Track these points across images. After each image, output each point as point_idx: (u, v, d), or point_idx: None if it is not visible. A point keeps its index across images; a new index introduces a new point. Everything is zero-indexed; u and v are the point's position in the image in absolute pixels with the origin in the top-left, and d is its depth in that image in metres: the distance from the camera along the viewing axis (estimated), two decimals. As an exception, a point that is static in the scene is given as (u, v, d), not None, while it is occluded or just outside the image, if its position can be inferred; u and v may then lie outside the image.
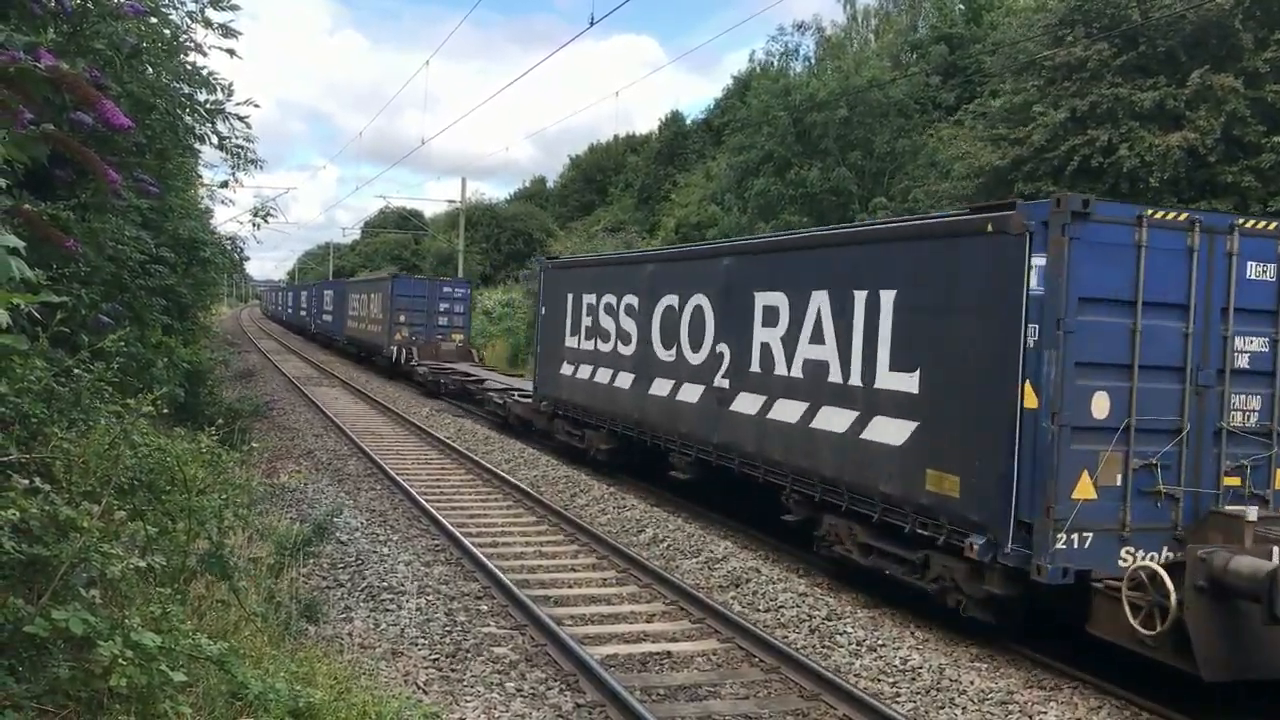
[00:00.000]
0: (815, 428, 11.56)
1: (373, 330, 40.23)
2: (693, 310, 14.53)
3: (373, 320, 40.37)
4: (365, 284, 45.72)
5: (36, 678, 4.20)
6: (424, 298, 37.09)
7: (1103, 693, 8.59)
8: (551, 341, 20.11)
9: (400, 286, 37.35)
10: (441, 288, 38.32)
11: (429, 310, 37.01)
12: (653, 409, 15.64)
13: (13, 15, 5.56)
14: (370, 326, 40.88)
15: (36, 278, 3.28)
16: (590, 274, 19.10)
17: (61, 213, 6.08)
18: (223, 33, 9.01)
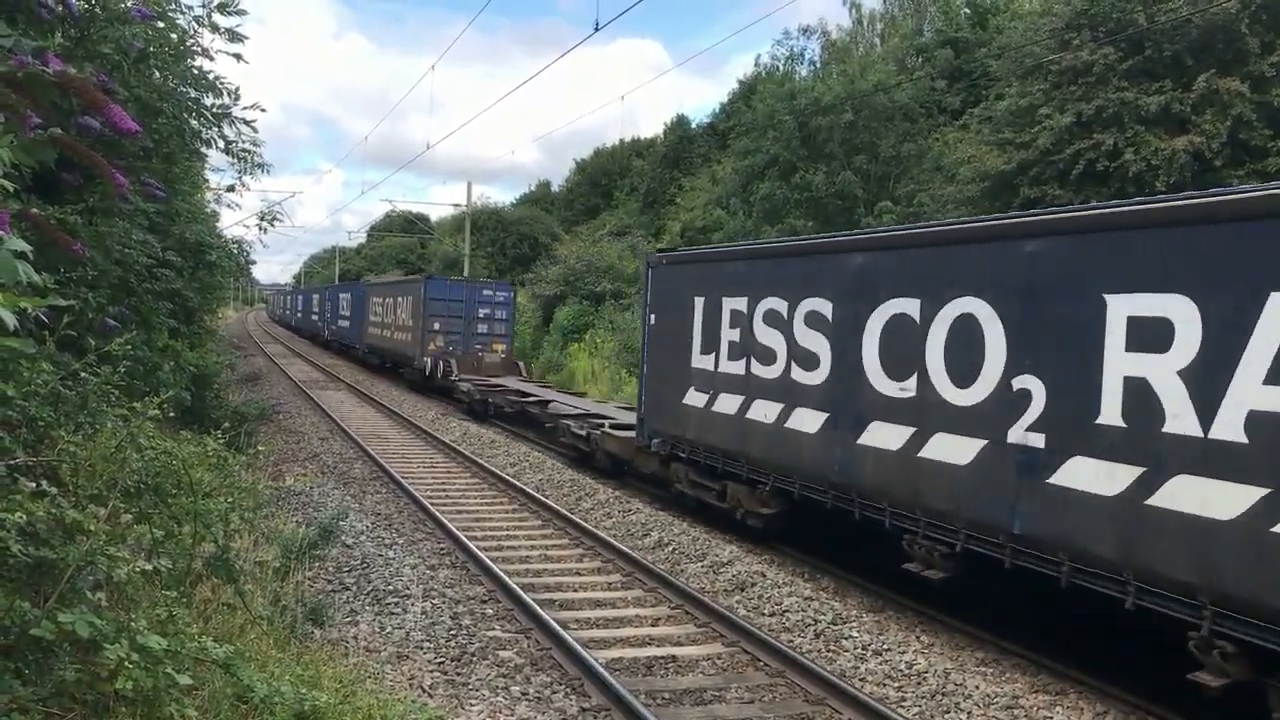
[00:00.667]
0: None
1: (400, 339, 35.97)
2: (957, 322, 9.69)
3: (400, 327, 36.06)
4: (391, 286, 40.85)
5: (43, 680, 4.20)
6: (461, 302, 32.96)
7: (1109, 697, 8.57)
8: (668, 361, 15.20)
9: (434, 289, 32.95)
10: (481, 290, 33.79)
11: (467, 316, 32.93)
12: (866, 466, 10.85)
13: (20, 20, 5.59)
14: (397, 334, 36.69)
15: (44, 281, 3.29)
16: (737, 270, 13.88)
17: (69, 216, 6.10)
18: (229, 37, 9.03)
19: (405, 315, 35.08)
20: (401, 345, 35.66)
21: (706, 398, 14.03)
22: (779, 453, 12.48)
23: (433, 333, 32.41)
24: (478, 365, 31.55)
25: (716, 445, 13.83)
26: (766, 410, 12.74)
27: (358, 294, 47.12)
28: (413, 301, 33.79)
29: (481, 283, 35.48)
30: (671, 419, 15.03)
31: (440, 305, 32.58)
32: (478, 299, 33.21)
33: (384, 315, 39.41)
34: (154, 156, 9.50)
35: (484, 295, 33.39)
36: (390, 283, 43.39)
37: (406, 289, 35.71)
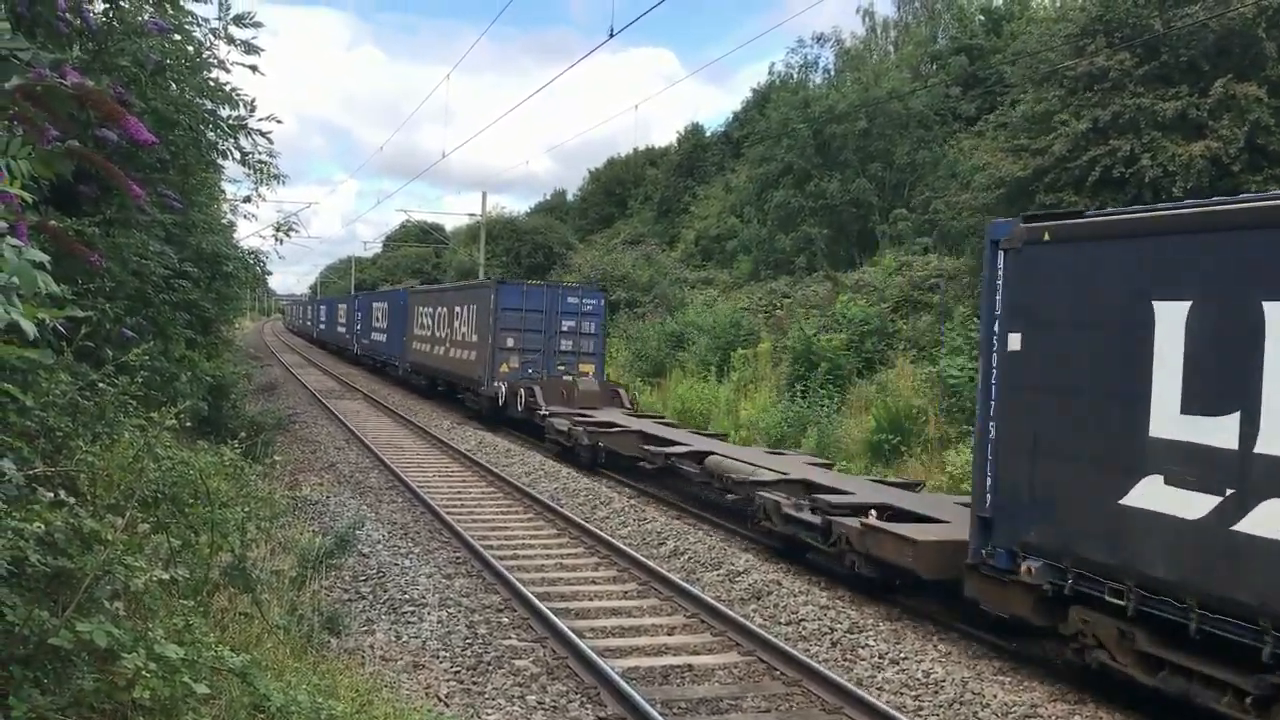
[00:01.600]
0: None
1: (460, 358, 29.46)
2: None
3: (459, 343, 29.65)
4: (446, 293, 34.13)
5: (61, 689, 4.22)
6: (541, 312, 26.72)
7: (1129, 708, 8.50)
8: (1067, 421, 8.68)
9: (509, 296, 26.68)
10: (565, 298, 27.33)
11: (549, 330, 26.63)
12: None
13: (39, 33, 5.63)
14: (455, 352, 30.07)
15: (62, 292, 3.31)
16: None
17: (87, 228, 6.14)
18: (245, 49, 9.09)
19: (467, 328, 28.85)
20: (461, 366, 29.29)
21: (1209, 501, 7.35)
22: None
23: (506, 350, 26.29)
24: (568, 394, 24.66)
25: (1244, 600, 7.13)
26: None
27: (397, 302, 40.66)
28: (479, 312, 27.74)
29: (566, 288, 28.59)
30: (1081, 529, 8.44)
31: (515, 316, 26.41)
32: (561, 308, 26.96)
33: (436, 328, 32.92)
34: (171, 168, 9.56)
35: (569, 304, 27.08)
36: (445, 289, 36.88)
37: (470, 296, 29.43)
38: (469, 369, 28.45)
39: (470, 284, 34.93)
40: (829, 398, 23.31)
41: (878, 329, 27.32)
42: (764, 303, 35.52)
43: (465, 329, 29.11)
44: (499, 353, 26.29)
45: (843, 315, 27.98)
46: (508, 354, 26.32)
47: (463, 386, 29.66)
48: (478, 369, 27.44)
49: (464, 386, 29.42)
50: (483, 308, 27.26)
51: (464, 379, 29.15)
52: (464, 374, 29.04)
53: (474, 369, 27.84)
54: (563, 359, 26.56)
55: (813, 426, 21.97)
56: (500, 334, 26.27)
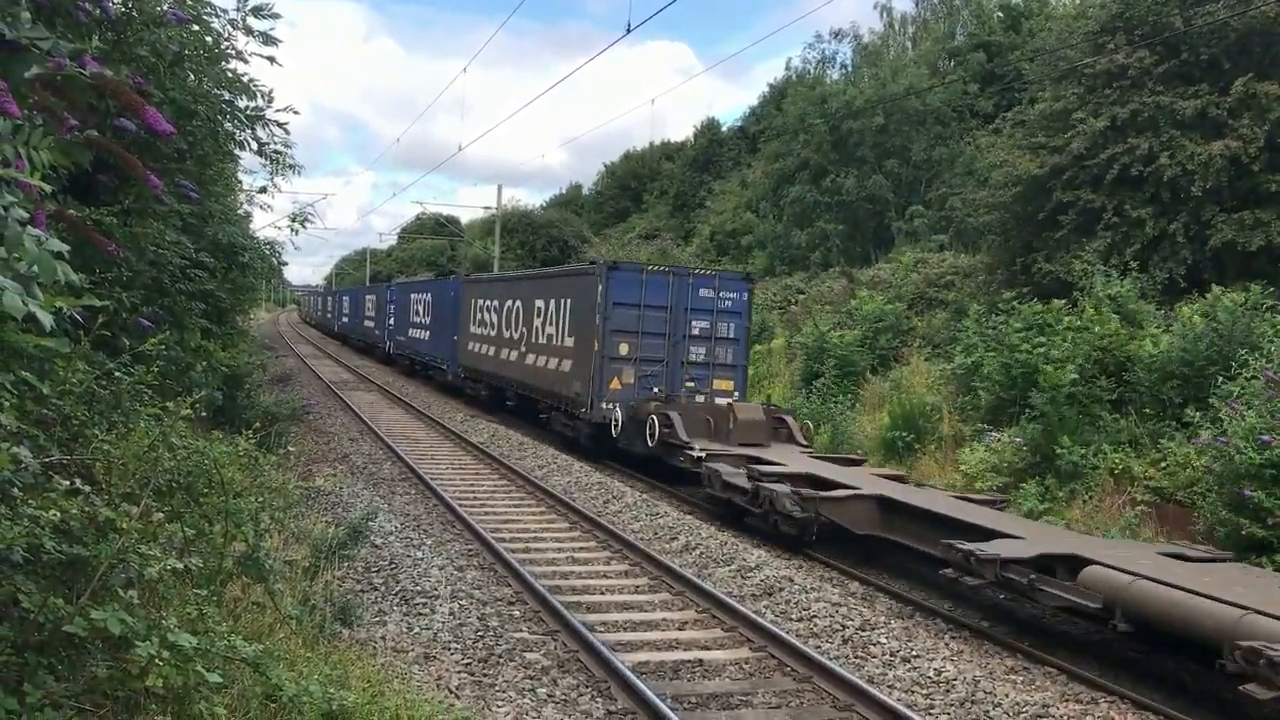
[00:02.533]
0: None
1: (544, 367, 22.89)
2: None
3: (544, 348, 22.99)
4: (523, 282, 26.65)
5: (75, 677, 4.24)
6: (664, 309, 19.73)
7: (1141, 707, 8.47)
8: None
9: (623, 287, 19.67)
10: (697, 289, 20.10)
11: (674, 333, 19.82)
12: None
13: (58, 23, 5.65)
14: (538, 359, 23.39)
15: (79, 281, 3.33)
16: None
17: (104, 217, 6.15)
18: (263, 40, 9.10)
19: (556, 328, 22.39)
20: (546, 377, 22.76)
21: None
22: None
23: (617, 361, 19.69)
24: (718, 423, 18.18)
25: None
26: None
27: (445, 293, 34.04)
28: (578, 307, 21.20)
29: (699, 276, 20.71)
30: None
31: (629, 314, 19.64)
32: (691, 302, 19.98)
33: (504, 326, 26.52)
34: (188, 158, 9.58)
35: (702, 297, 20.00)
36: (519, 277, 29.22)
37: (562, 287, 22.60)
38: (559, 382, 21.87)
39: (563, 270, 27.21)
40: (843, 393, 23.25)
41: (893, 325, 27.24)
42: (779, 299, 35.48)
43: (553, 329, 22.53)
44: (608, 363, 19.58)
45: (857, 311, 27.92)
46: (619, 365, 19.59)
47: (549, 404, 22.81)
48: (573, 383, 20.94)
49: (551, 404, 22.62)
50: (584, 302, 20.60)
51: (550, 394, 22.52)
52: (550, 388, 22.47)
53: (567, 383, 21.30)
54: (693, 372, 19.90)
55: (826, 423, 21.92)
56: (610, 338, 19.53)
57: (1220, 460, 12.70)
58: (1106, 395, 17.15)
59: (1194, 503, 13.64)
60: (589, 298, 20.28)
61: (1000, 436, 17.53)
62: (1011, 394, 18.45)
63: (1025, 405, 17.54)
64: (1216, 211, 21.11)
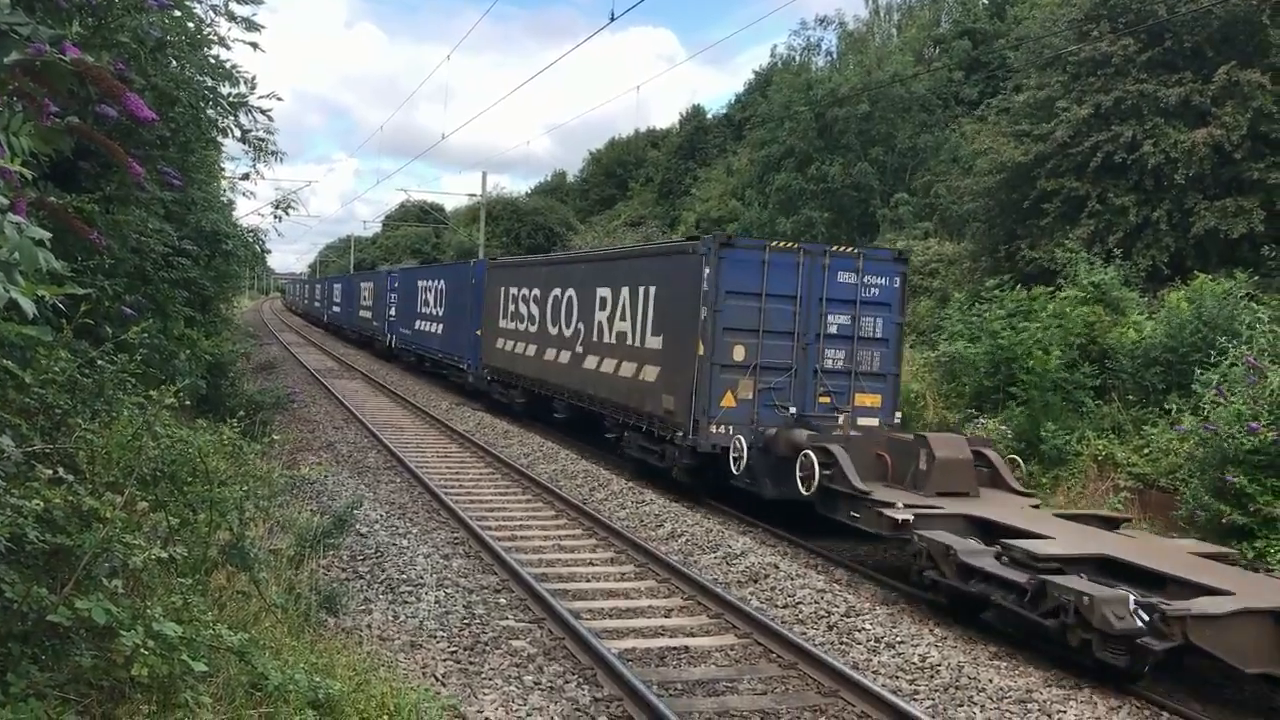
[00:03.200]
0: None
1: (618, 374, 17.88)
2: None
3: (613, 349, 18.18)
4: (580, 265, 21.41)
5: (59, 666, 4.23)
6: (791, 299, 15.16)
7: (1123, 693, 8.53)
8: None
9: (738, 270, 15.01)
10: (835, 273, 15.39)
11: (805, 332, 15.22)
12: None
13: (39, 8, 5.60)
14: (604, 365, 18.53)
15: (61, 269, 3.31)
16: None
17: (86, 205, 6.12)
18: (246, 26, 9.06)
19: (637, 325, 17.30)
20: (622, 389, 17.68)
21: None
22: None
23: (731, 369, 14.92)
24: (894, 462, 12.97)
25: None
26: None
27: (464, 280, 29.47)
28: (666, 297, 16.35)
29: (838, 255, 15.65)
30: None
31: (747, 308, 14.92)
32: (828, 291, 15.26)
33: (551, 320, 21.55)
34: (171, 145, 9.53)
35: (840, 282, 15.33)
36: (576, 259, 23.57)
37: (648, 270, 17.31)
38: (638, 394, 17.02)
39: (643, 250, 20.87)
40: None
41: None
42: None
43: (628, 325, 17.60)
44: (719, 373, 14.84)
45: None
46: (734, 375, 14.91)
47: (620, 421, 17.90)
48: (663, 397, 16.06)
49: (624, 422, 17.67)
50: (679, 290, 15.78)
51: (624, 410, 17.61)
52: (623, 401, 17.58)
53: (651, 396, 16.52)
54: (829, 384, 15.25)
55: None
56: (721, 339, 14.81)
57: (1205, 446, 12.79)
58: (1090, 382, 17.26)
59: (1176, 489, 13.73)
60: (687, 285, 15.43)
61: (986, 423, 17.62)
62: (995, 380, 18.55)
63: (1009, 392, 17.63)
64: (1199, 199, 21.22)
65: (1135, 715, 8.16)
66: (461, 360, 29.18)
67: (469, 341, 28.19)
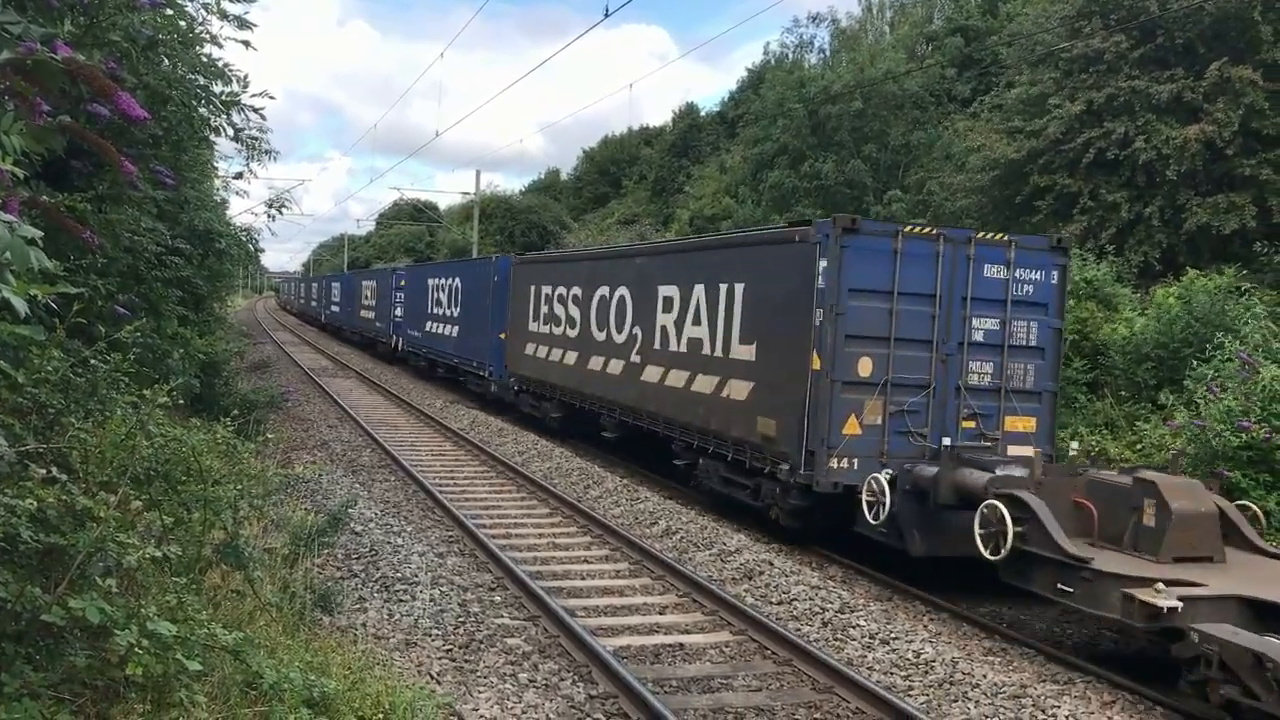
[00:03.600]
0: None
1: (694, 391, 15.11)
2: None
3: (685, 360, 15.54)
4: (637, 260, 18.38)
5: (53, 666, 4.23)
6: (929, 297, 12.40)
7: (1116, 687, 8.57)
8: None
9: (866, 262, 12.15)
10: (982, 266, 12.52)
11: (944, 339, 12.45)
12: None
13: (30, 7, 5.59)
14: (671, 377, 15.91)
15: (54, 268, 3.30)
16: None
17: (78, 204, 6.10)
18: (238, 25, 9.03)
19: (720, 330, 14.57)
20: (700, 408, 14.94)
21: None
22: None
23: (855, 386, 12.22)
24: (1102, 513, 10.00)
25: None
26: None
27: (483, 277, 26.93)
28: (760, 296, 13.63)
29: (985, 242, 12.73)
30: None
31: (874, 310, 12.27)
32: (973, 287, 12.58)
33: (598, 324, 18.92)
34: (163, 144, 9.51)
35: (987, 278, 12.65)
36: (627, 255, 19.73)
37: (735, 263, 14.51)
38: (724, 416, 14.19)
39: (728, 240, 16.48)
40: None
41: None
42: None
43: (705, 330, 14.82)
44: (840, 391, 12.08)
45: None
46: (859, 395, 12.13)
47: (694, 446, 15.16)
48: (760, 420, 13.21)
49: (700, 447, 14.95)
50: (780, 287, 13.08)
51: (702, 433, 14.84)
52: (702, 423, 14.79)
53: (742, 418, 13.66)
54: (974, 404, 12.53)
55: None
56: (843, 349, 12.05)
57: (1196, 443, 12.81)
58: (1082, 378, 17.28)
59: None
60: (793, 282, 12.72)
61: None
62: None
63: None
64: (1191, 195, 21.28)
65: (1128, 711, 8.19)
66: (482, 367, 26.47)
67: (490, 346, 25.60)
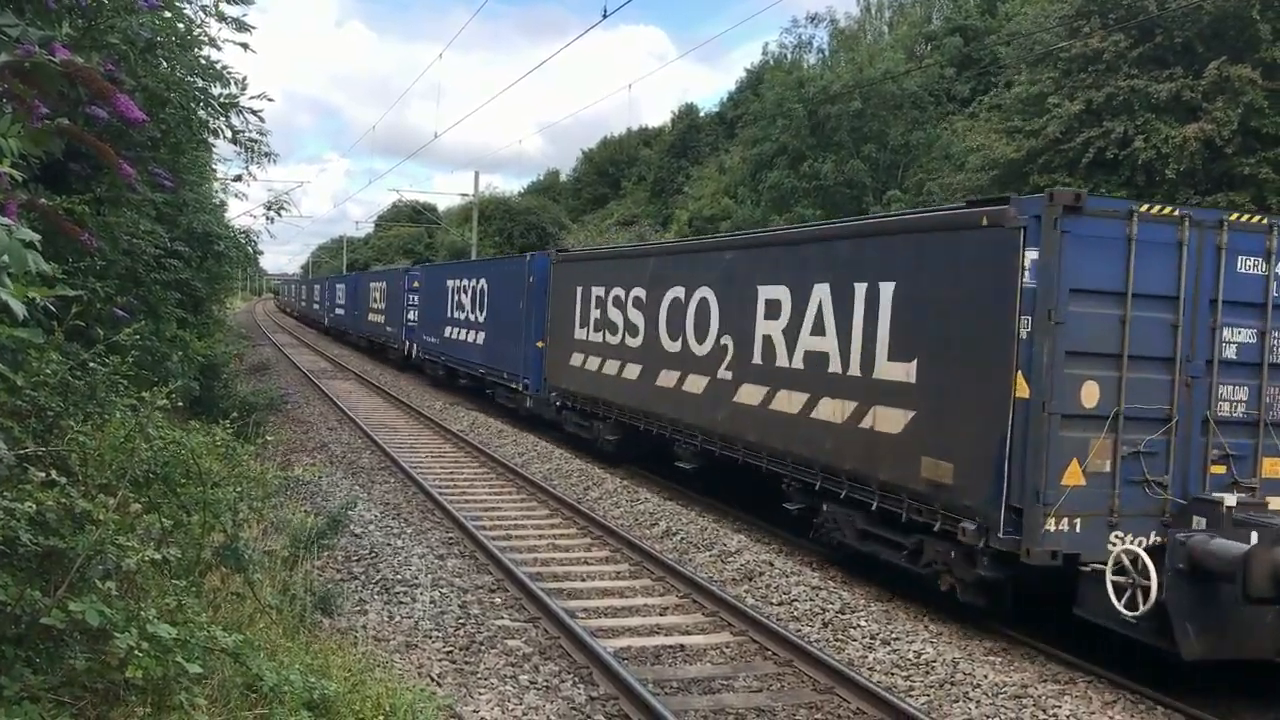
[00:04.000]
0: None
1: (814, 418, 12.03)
2: None
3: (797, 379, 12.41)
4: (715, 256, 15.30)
5: (53, 669, 4.22)
6: (1170, 299, 9.14)
7: (1117, 686, 8.56)
8: None
9: (1086, 251, 8.83)
10: (1234, 254, 9.33)
11: (1188, 355, 9.15)
12: None
13: (28, 9, 5.58)
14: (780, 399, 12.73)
15: (52, 271, 3.30)
16: None
17: (76, 206, 6.09)
18: (236, 27, 9.02)
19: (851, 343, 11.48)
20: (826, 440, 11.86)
21: None
22: None
23: (1078, 420, 8.91)
24: None
25: None
26: None
27: (516, 278, 23.77)
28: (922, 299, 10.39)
29: (1240, 226, 9.45)
30: None
31: (1102, 317, 9.00)
32: (1224, 288, 9.33)
33: (668, 333, 15.99)
34: (161, 146, 9.49)
35: (1242, 272, 9.42)
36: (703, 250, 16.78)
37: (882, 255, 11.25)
38: (865, 452, 11.27)
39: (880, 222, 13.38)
40: None
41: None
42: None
43: (839, 343, 11.75)
44: (1059, 426, 8.90)
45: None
46: (1084, 430, 9.01)
47: (823, 488, 11.95)
48: (926, 462, 10.16)
49: (832, 490, 11.78)
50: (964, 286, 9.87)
51: (837, 473, 11.73)
52: (838, 459, 11.71)
53: (897, 457, 10.70)
54: (1226, 442, 9.42)
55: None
56: (1063, 369, 8.91)
57: None
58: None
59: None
60: (980, 278, 9.68)
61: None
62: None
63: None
64: (1191, 194, 21.29)
65: (1130, 710, 8.18)
66: (514, 379, 23.38)
67: (525, 355, 22.52)
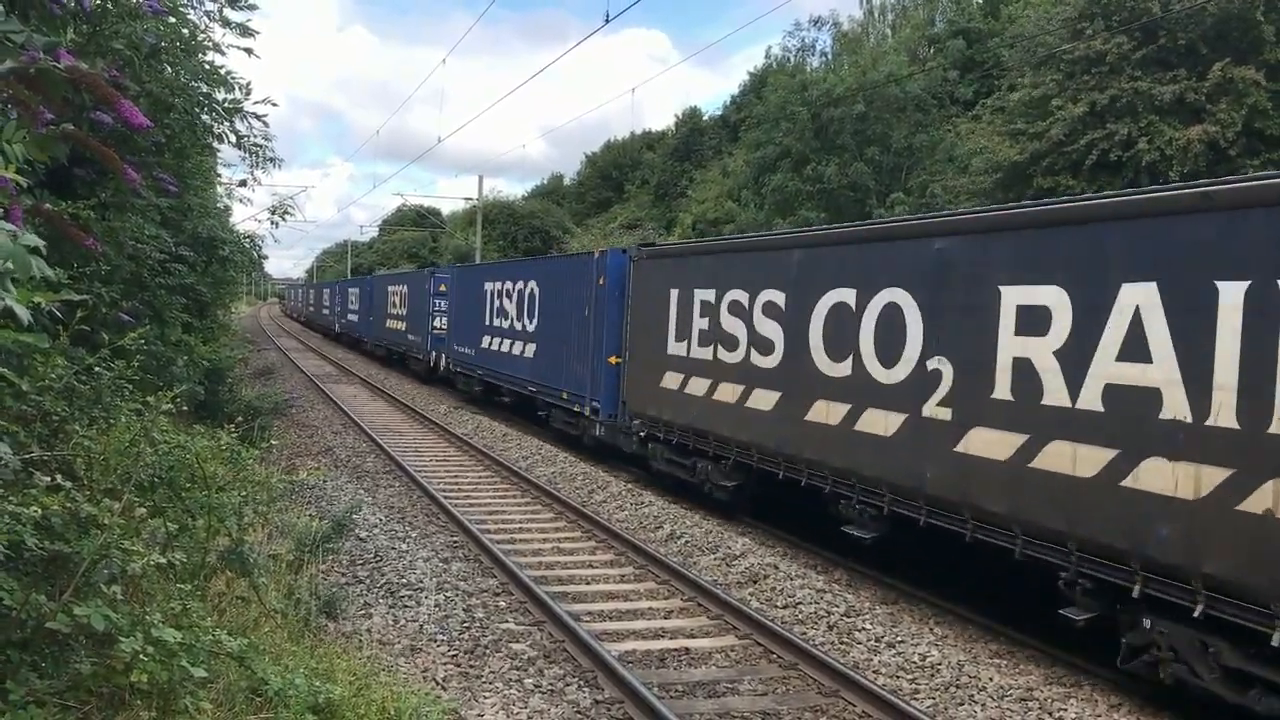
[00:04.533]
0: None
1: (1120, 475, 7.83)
2: None
3: (1078, 425, 8.21)
4: (924, 244, 10.46)
5: (59, 673, 4.23)
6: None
7: (1122, 690, 8.55)
8: None
9: None
10: None
11: None
12: None
13: (33, 15, 5.60)
14: (1050, 448, 8.51)
15: (57, 276, 3.31)
16: None
17: (82, 211, 6.12)
18: (240, 32, 9.06)
19: (1224, 370, 7.10)
20: (1178, 530, 7.42)
21: None
22: None
23: None
24: None
25: None
26: None
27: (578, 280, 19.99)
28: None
29: None
30: None
31: None
32: None
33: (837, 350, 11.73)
34: (166, 151, 9.53)
35: None
36: (908, 231, 11.25)
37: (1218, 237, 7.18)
38: (1238, 547, 7.05)
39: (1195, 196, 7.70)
40: None
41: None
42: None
43: (1182, 370, 7.48)
44: None
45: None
46: None
47: (1109, 582, 8.19)
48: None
49: (1152, 594, 7.76)
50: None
51: (1168, 571, 7.61)
52: (1172, 556, 7.53)
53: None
54: None
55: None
56: None
57: None
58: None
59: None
60: None
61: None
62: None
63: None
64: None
65: (1135, 713, 8.17)
66: (577, 400, 19.82)
67: (592, 373, 19.05)
